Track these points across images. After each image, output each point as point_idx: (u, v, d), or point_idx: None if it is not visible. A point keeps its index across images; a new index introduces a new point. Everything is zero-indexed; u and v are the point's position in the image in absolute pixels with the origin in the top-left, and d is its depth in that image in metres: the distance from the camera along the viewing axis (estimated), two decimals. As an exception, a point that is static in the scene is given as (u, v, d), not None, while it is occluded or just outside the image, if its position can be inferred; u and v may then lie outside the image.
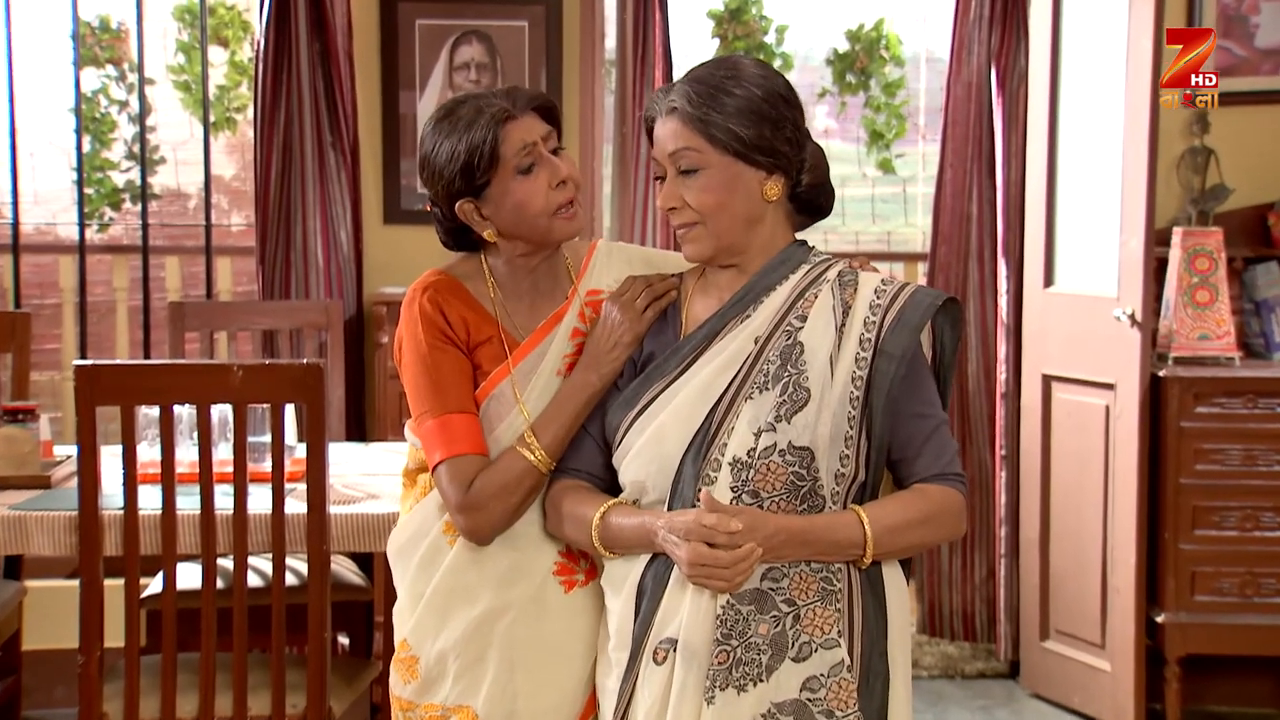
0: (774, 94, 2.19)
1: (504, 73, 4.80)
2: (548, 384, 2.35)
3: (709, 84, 2.17)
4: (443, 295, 2.38)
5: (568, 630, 2.34)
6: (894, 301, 2.19)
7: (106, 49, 6.53)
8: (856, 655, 2.13)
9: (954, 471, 2.20)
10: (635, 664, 2.17)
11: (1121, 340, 4.36)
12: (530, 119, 2.36)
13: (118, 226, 6.83)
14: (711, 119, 2.15)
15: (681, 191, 2.19)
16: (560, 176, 2.35)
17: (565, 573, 2.35)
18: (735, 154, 2.17)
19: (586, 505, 2.25)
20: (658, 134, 2.22)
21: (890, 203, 7.25)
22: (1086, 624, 4.53)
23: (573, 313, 2.40)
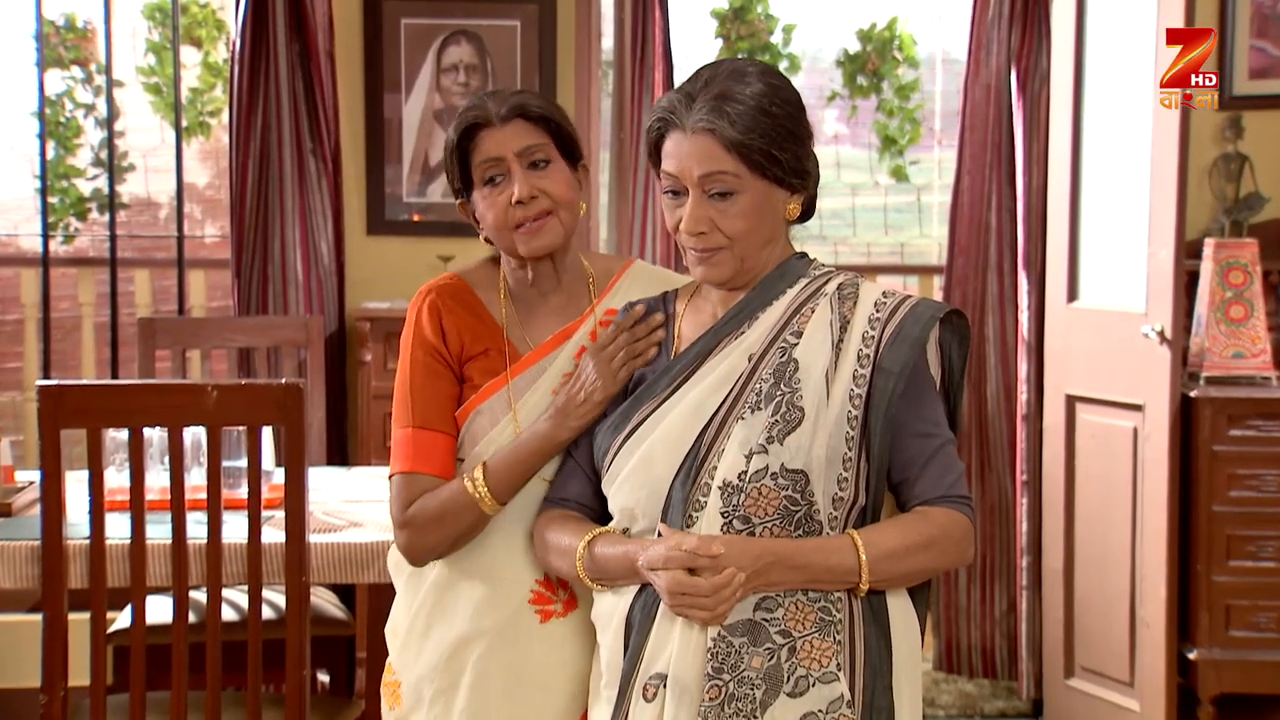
0: (799, 109, 2.23)
1: (494, 74, 4.81)
2: (541, 400, 2.38)
3: (737, 100, 2.17)
4: (445, 302, 2.45)
5: (543, 662, 2.37)
6: (893, 315, 2.21)
7: (72, 49, 6.54)
8: (858, 690, 2.14)
9: (959, 493, 2.21)
10: (624, 701, 2.18)
11: (1150, 358, 4.36)
12: (513, 128, 2.39)
13: (84, 238, 6.84)
14: (753, 143, 2.16)
15: (712, 215, 2.20)
16: (517, 195, 2.37)
17: (541, 602, 2.38)
18: (771, 178, 2.19)
19: (572, 535, 2.27)
20: (681, 149, 2.19)
21: (904, 212, 7.26)
22: (1114, 661, 4.52)
23: (583, 331, 2.43)
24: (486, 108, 2.40)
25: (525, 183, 2.38)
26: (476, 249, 4.75)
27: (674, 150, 2.20)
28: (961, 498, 2.20)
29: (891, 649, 2.17)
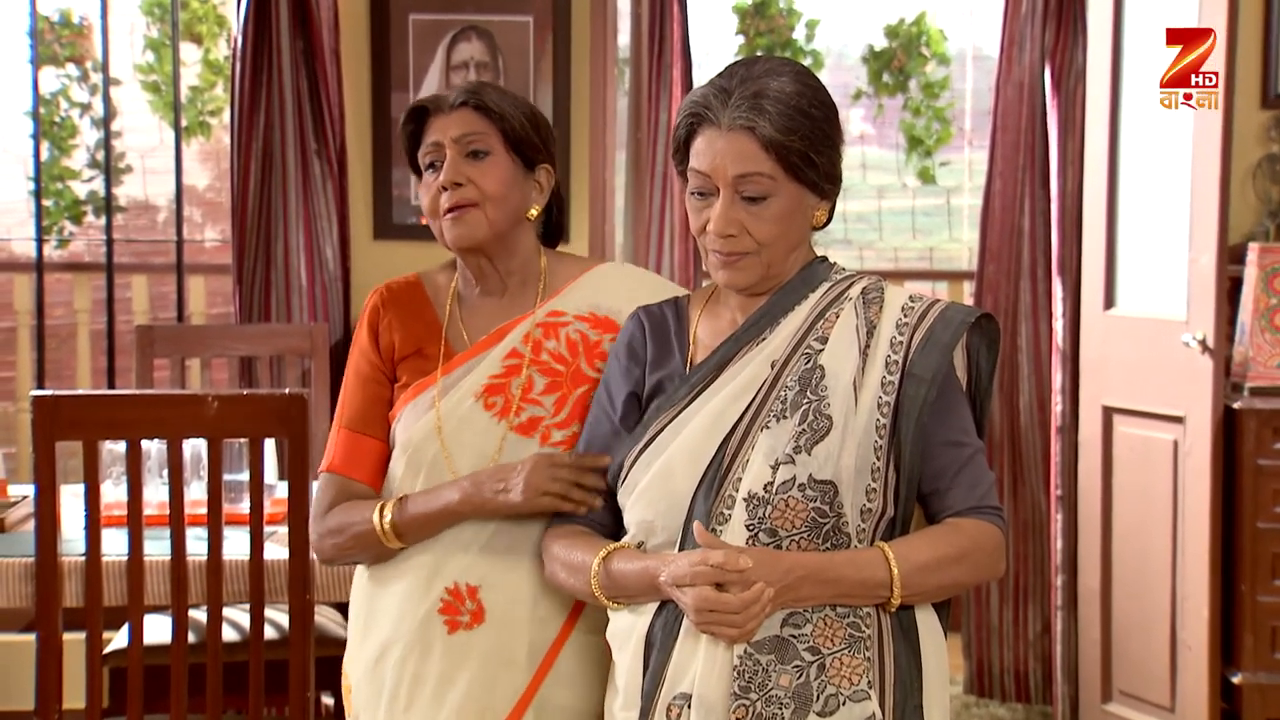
0: (834, 111, 2.25)
1: (506, 72, 4.82)
2: (461, 402, 2.43)
3: (784, 102, 2.17)
4: (387, 301, 2.54)
5: (449, 674, 2.39)
6: (923, 319, 2.21)
7: (67, 46, 6.57)
8: (889, 709, 2.14)
9: (990, 504, 2.21)
10: (647, 722, 2.18)
11: (1191, 368, 4.35)
12: (458, 115, 2.45)
13: (79, 242, 6.86)
14: (792, 145, 2.17)
15: (743, 218, 2.20)
16: (445, 180, 2.42)
17: (449, 612, 2.41)
18: (806, 182, 2.19)
19: (585, 550, 2.27)
20: (715, 147, 2.19)
21: (933, 216, 7.25)
22: (1154, 685, 4.51)
23: (517, 333, 2.47)
24: (443, 95, 2.47)
25: (453, 168, 2.42)
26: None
27: (706, 148, 2.20)
28: (993, 509, 2.21)
29: (921, 666, 2.18)
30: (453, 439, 2.42)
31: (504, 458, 2.40)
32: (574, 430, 2.40)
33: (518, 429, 2.41)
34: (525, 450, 2.39)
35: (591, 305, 2.48)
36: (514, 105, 2.47)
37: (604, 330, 2.46)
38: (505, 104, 2.46)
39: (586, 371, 2.43)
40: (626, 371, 2.34)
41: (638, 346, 2.35)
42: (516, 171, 2.46)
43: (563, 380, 2.44)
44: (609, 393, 2.35)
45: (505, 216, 2.44)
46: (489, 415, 2.42)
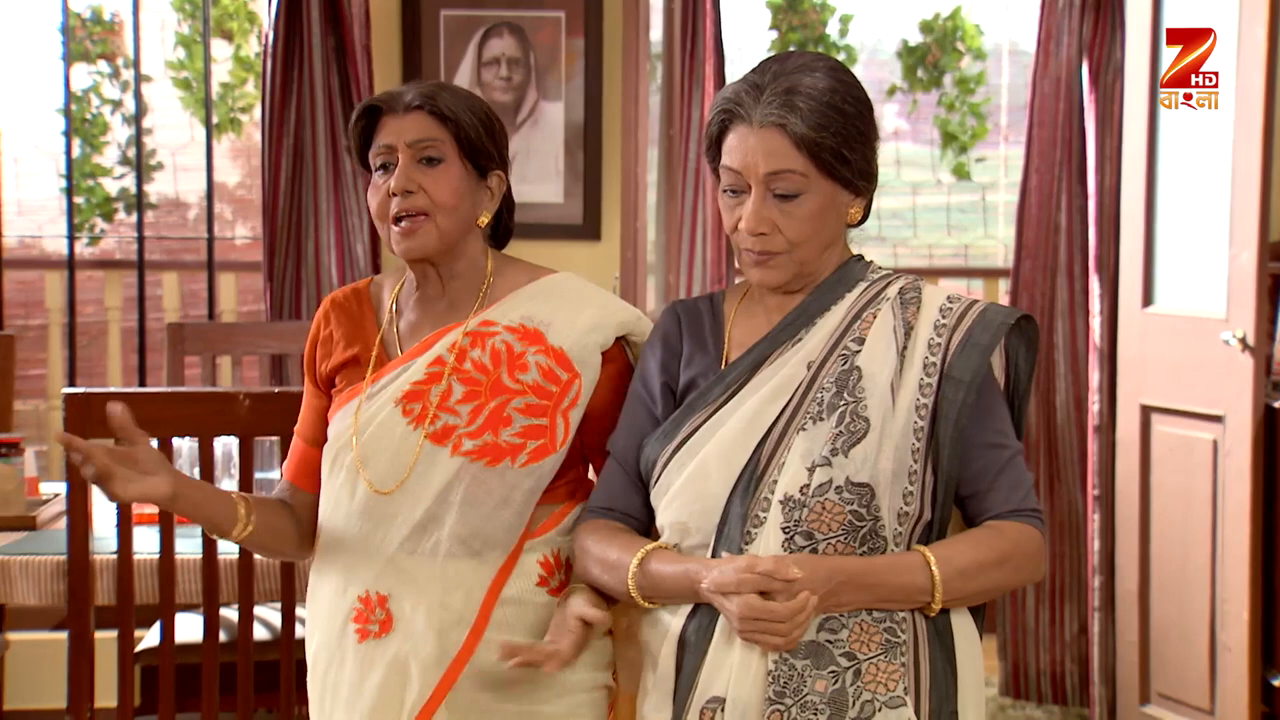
0: (869, 107, 2.23)
1: (537, 68, 4.82)
2: (381, 408, 2.40)
3: (816, 99, 2.16)
4: (329, 312, 2.54)
5: (358, 683, 2.39)
6: (961, 320, 2.20)
7: (99, 43, 6.60)
8: (924, 715, 2.13)
9: (1030, 507, 2.20)
10: (680, 727, 2.18)
11: (1231, 366, 4.32)
12: (412, 118, 2.39)
13: (110, 239, 6.90)
14: (824, 141, 2.16)
15: (774, 216, 2.19)
16: (396, 187, 2.36)
17: (361, 620, 2.41)
18: (839, 179, 2.18)
19: (621, 549, 2.26)
20: (746, 144, 2.18)
21: (968, 212, 7.23)
22: (1193, 687, 4.48)
23: (445, 341, 2.42)
24: (396, 94, 2.42)
25: (405, 174, 2.36)
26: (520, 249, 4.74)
27: (738, 145, 2.19)
28: (1033, 511, 2.20)
29: (957, 671, 2.17)
30: (368, 445, 2.39)
31: (419, 465, 2.37)
32: (485, 440, 2.35)
33: (431, 436, 2.37)
34: (439, 458, 2.37)
35: (524, 317, 2.43)
36: (469, 110, 2.41)
37: (530, 342, 2.40)
38: (460, 109, 2.40)
39: (506, 383, 2.38)
40: (663, 365, 2.33)
41: (673, 340, 2.34)
42: (469, 179, 2.41)
43: (481, 390, 2.38)
44: (645, 385, 2.34)
45: (456, 226, 2.40)
46: (405, 422, 2.39)
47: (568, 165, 4.84)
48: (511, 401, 2.37)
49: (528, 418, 2.37)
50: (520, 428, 2.37)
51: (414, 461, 2.37)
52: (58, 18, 5.05)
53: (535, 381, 2.38)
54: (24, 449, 3.62)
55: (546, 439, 2.38)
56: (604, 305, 2.47)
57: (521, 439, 2.37)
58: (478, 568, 2.36)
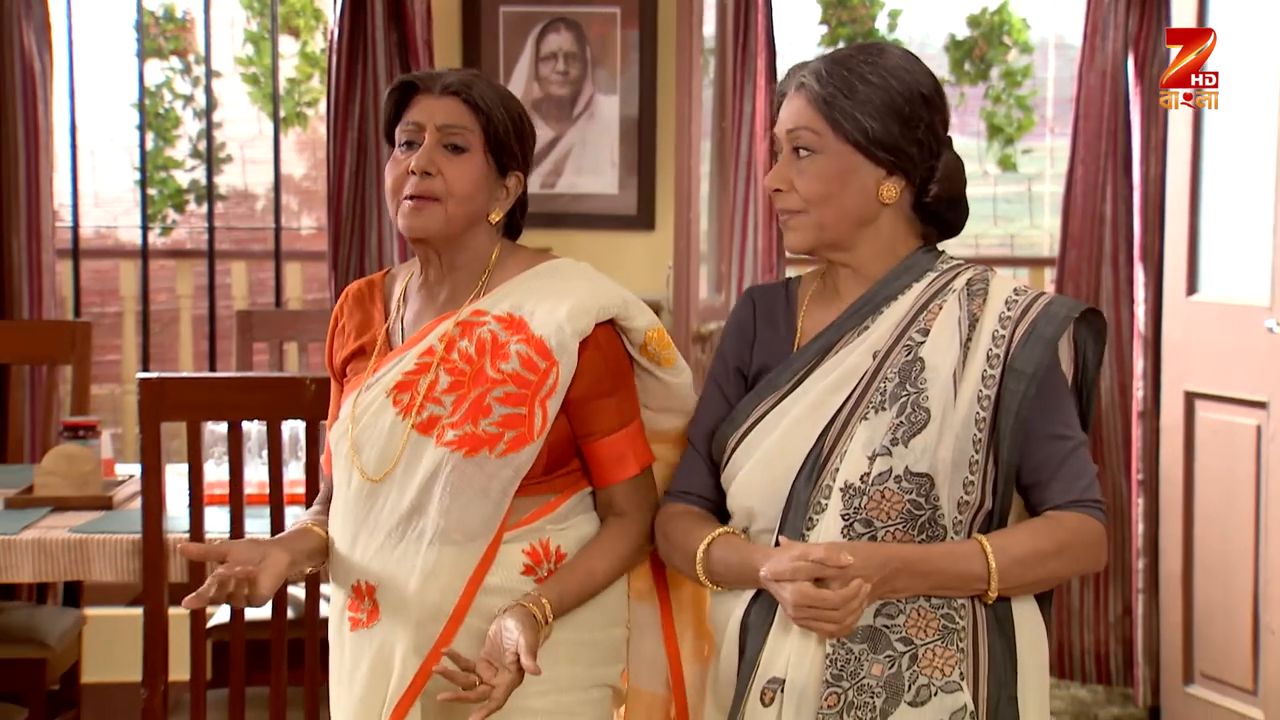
0: (913, 91, 2.17)
1: (593, 63, 4.80)
2: (375, 399, 2.34)
3: (845, 66, 2.17)
4: (349, 301, 2.49)
5: (351, 671, 2.35)
6: (1026, 313, 2.16)
7: (171, 40, 6.65)
8: (982, 700, 2.11)
9: (1092, 498, 2.16)
10: (741, 706, 2.16)
11: (1275, 354, 4.29)
12: (446, 102, 2.32)
13: (181, 229, 6.94)
14: (837, 102, 2.15)
15: (791, 174, 2.19)
16: (416, 165, 2.29)
17: (353, 609, 2.35)
18: (856, 145, 2.16)
19: (692, 535, 2.25)
20: (783, 111, 2.22)
21: (1014, 203, 7.19)
22: (1235, 667, 4.45)
23: (437, 331, 2.35)
24: (435, 75, 2.35)
25: (427, 155, 2.29)
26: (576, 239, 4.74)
27: (781, 112, 2.22)
28: (1094, 502, 2.15)
29: (1017, 658, 2.14)
30: (362, 434, 2.33)
31: (406, 455, 2.30)
32: (466, 430, 2.27)
33: (418, 427, 2.30)
34: (424, 448, 2.30)
35: (513, 306, 2.33)
36: (503, 106, 2.34)
37: (514, 332, 2.31)
38: (495, 103, 2.33)
39: (489, 373, 2.29)
40: (736, 351, 2.31)
41: (747, 326, 2.32)
42: (489, 174, 2.34)
43: (465, 380, 2.30)
44: (720, 369, 2.33)
45: (464, 216, 2.32)
46: (395, 411, 2.32)
47: (623, 157, 4.82)
48: (492, 391, 2.28)
49: (506, 407, 2.28)
50: (499, 417, 2.27)
51: (401, 451, 2.30)
52: (132, 15, 5.07)
53: (515, 370, 2.29)
54: (100, 432, 3.64)
55: (524, 429, 2.28)
56: (589, 290, 2.35)
57: (500, 428, 2.27)
58: (458, 558, 2.27)
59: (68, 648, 3.89)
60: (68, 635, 3.87)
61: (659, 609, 2.43)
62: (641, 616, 2.43)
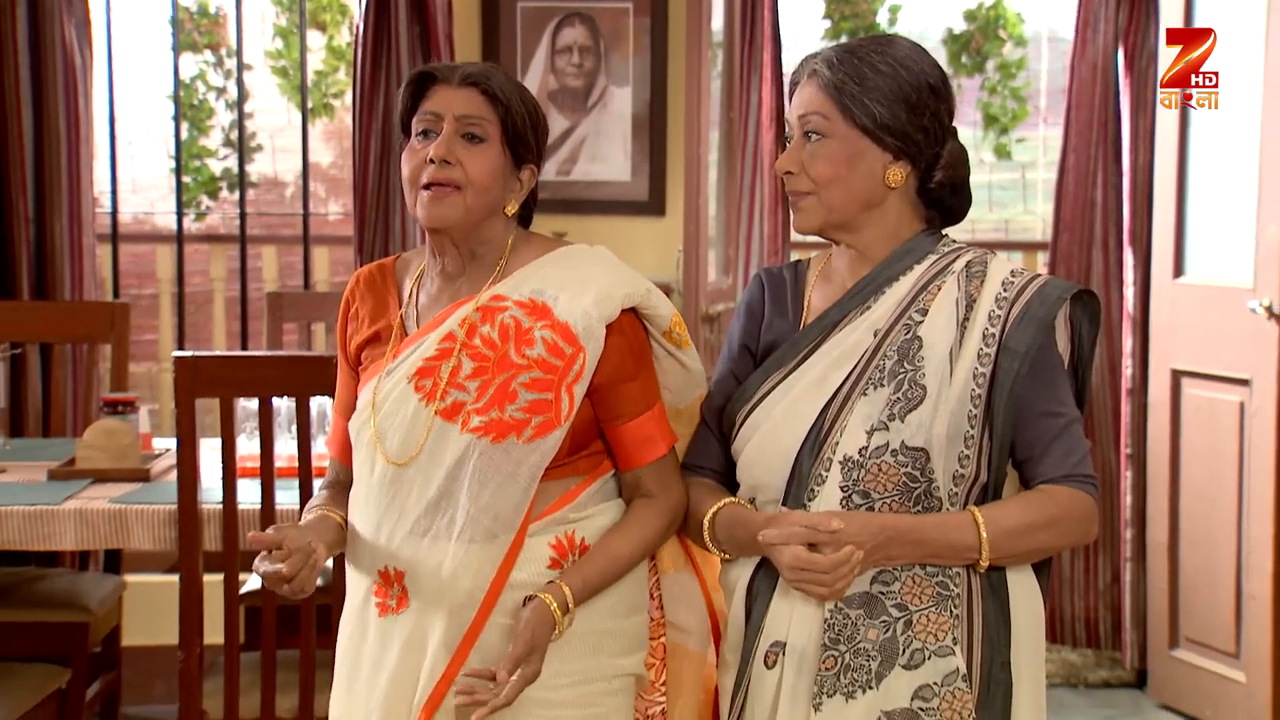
0: (921, 80, 2.16)
1: (607, 56, 4.79)
2: (397, 385, 2.26)
3: (856, 55, 2.17)
4: (361, 286, 2.41)
5: (379, 658, 2.26)
6: (1021, 294, 2.16)
7: (204, 34, 6.64)
8: (976, 664, 2.11)
9: (1083, 473, 2.15)
10: (746, 667, 2.17)
11: (1258, 333, 4.27)
12: (464, 93, 2.25)
13: (215, 215, 6.95)
14: (848, 89, 2.14)
15: (802, 158, 2.18)
16: (436, 154, 2.22)
17: (380, 595, 2.27)
18: (863, 130, 2.15)
19: (701, 505, 2.25)
20: (795, 97, 2.21)
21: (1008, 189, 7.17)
22: (1219, 632, 4.44)
23: (456, 317, 2.27)
24: (453, 67, 2.28)
25: (446, 144, 2.22)
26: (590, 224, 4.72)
27: (793, 99, 2.22)
28: (1086, 477, 2.15)
29: (1010, 625, 2.13)
30: (385, 421, 2.25)
31: (430, 441, 2.21)
32: (492, 416, 2.20)
33: (442, 413, 2.22)
34: (449, 434, 2.21)
35: (534, 291, 2.26)
36: (520, 99, 2.28)
37: (538, 317, 2.23)
38: (512, 95, 2.27)
39: (513, 358, 2.22)
40: (745, 329, 2.30)
41: (756, 306, 2.31)
42: (505, 165, 2.26)
43: (489, 365, 2.22)
44: (730, 348, 2.32)
45: (482, 206, 2.24)
46: (418, 398, 2.23)
47: (635, 146, 4.81)
48: (517, 377, 2.21)
49: (533, 393, 2.20)
50: (525, 403, 2.20)
51: (425, 438, 2.22)
52: (167, 11, 5.07)
53: (541, 356, 2.21)
54: (138, 407, 3.65)
55: (551, 414, 2.20)
56: (612, 277, 2.29)
57: (526, 414, 2.20)
58: (487, 548, 2.19)
59: (108, 612, 3.90)
60: (108, 600, 3.88)
61: (694, 575, 2.39)
62: (678, 586, 2.38)
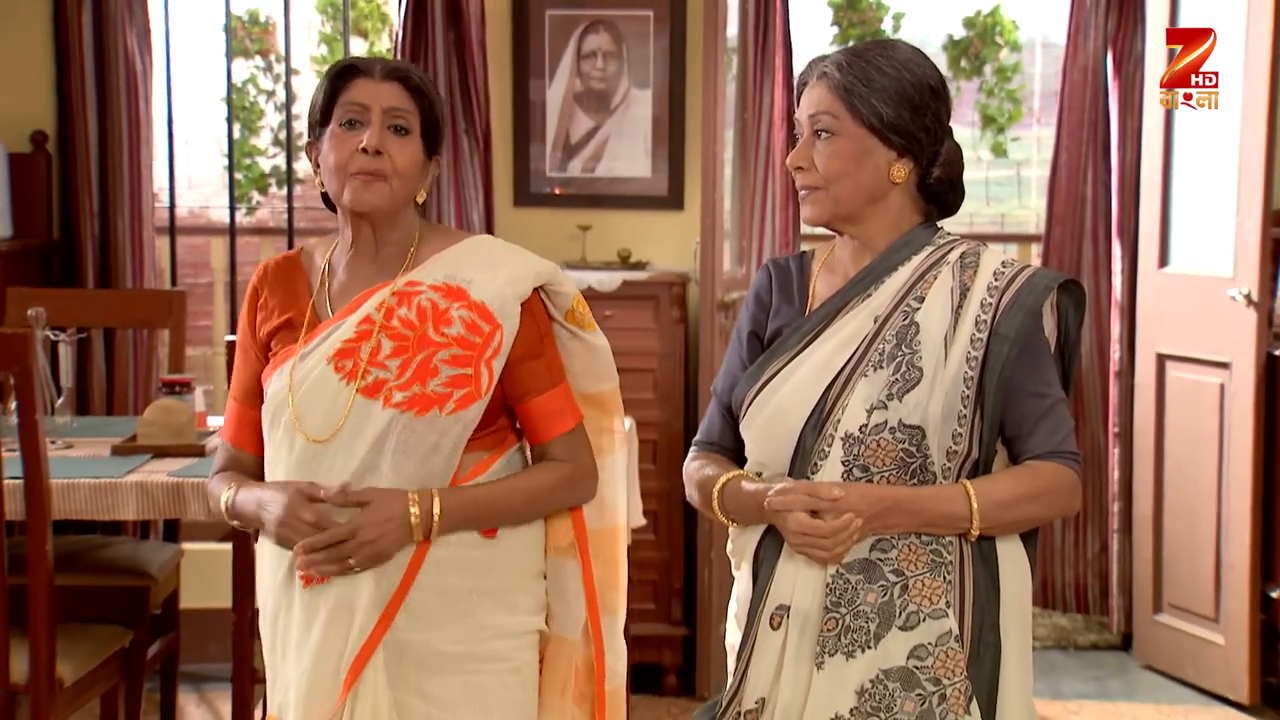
0: (922, 82, 2.17)
1: (629, 61, 4.80)
2: (315, 366, 2.23)
3: (863, 58, 2.17)
4: (267, 277, 2.36)
5: (306, 625, 2.21)
6: (1011, 284, 2.16)
7: (255, 41, 6.66)
8: (967, 626, 2.11)
9: (1068, 449, 2.16)
10: (753, 629, 2.18)
11: (1237, 319, 4.26)
12: (389, 86, 2.23)
13: (264, 209, 6.97)
14: (855, 90, 2.14)
15: (812, 154, 2.18)
16: (370, 144, 2.20)
17: (304, 568, 2.21)
18: (870, 128, 2.15)
19: (711, 476, 2.26)
20: (804, 98, 2.21)
21: (1004, 185, 7.15)
22: (1200, 598, 4.44)
23: (372, 301, 2.24)
24: (374, 60, 2.26)
25: (378, 136, 2.20)
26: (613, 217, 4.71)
27: (802, 99, 2.22)
28: (1070, 453, 2.15)
29: (1000, 590, 2.14)
30: (303, 401, 2.21)
31: (352, 418, 2.19)
32: (414, 391, 2.19)
33: (363, 391, 2.20)
34: (371, 410, 2.19)
35: (446, 276, 2.25)
36: (435, 93, 2.29)
37: (453, 299, 2.23)
38: (430, 90, 2.27)
39: (432, 336, 2.21)
40: (753, 316, 2.30)
41: (764, 294, 2.31)
42: (422, 156, 2.27)
43: (409, 344, 2.21)
44: (739, 333, 2.32)
45: (404, 193, 2.24)
46: (338, 378, 2.20)
47: (655, 144, 4.82)
48: (438, 354, 2.21)
49: (453, 368, 2.20)
50: (447, 378, 2.20)
51: (347, 414, 2.19)
52: (221, 20, 5.09)
53: (459, 334, 2.21)
54: (194, 388, 3.66)
55: (471, 387, 2.20)
56: (522, 259, 2.31)
57: (448, 388, 2.20)
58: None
59: (168, 577, 3.92)
60: (167, 566, 3.91)
61: (580, 563, 2.36)
62: (563, 571, 2.37)
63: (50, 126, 4.71)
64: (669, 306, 4.47)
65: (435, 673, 2.22)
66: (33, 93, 4.71)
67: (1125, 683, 4.61)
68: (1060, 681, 4.62)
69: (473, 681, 2.23)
